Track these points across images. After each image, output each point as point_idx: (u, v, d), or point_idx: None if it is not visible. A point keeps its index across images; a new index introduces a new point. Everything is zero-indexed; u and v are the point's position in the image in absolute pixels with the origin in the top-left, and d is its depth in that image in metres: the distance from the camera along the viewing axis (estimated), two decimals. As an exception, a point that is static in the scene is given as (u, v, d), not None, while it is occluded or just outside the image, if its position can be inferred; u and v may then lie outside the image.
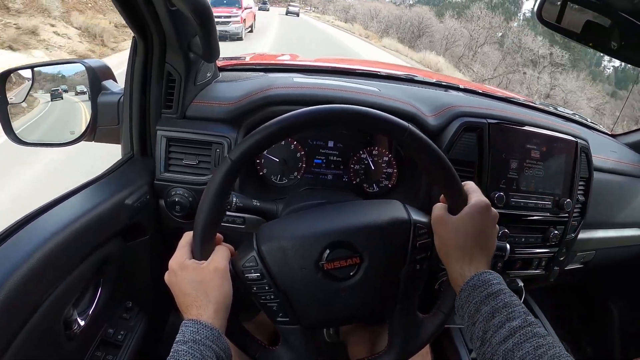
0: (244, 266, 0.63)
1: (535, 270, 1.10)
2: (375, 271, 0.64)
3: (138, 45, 0.86)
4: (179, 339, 0.54)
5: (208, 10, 0.70)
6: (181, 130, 0.92)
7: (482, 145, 0.97)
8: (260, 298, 0.63)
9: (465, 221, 0.62)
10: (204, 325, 0.55)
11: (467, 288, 0.58)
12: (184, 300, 0.59)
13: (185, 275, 0.59)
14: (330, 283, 0.63)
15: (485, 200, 0.63)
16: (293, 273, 0.62)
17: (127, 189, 0.87)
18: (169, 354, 0.52)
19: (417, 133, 0.60)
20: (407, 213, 0.67)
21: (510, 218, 1.00)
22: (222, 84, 1.03)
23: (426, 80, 1.36)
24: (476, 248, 0.61)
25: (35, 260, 0.63)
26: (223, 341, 0.56)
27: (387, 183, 1.02)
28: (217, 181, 0.58)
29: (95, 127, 0.98)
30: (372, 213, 0.67)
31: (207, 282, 0.58)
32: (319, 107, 0.59)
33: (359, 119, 0.59)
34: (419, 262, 0.66)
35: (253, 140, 0.57)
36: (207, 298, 0.58)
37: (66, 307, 0.74)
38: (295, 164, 1.00)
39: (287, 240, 0.63)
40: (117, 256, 0.88)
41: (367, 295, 0.65)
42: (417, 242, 0.65)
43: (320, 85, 0.99)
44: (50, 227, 0.69)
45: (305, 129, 0.59)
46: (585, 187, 1.12)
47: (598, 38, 0.95)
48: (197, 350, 0.52)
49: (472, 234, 0.61)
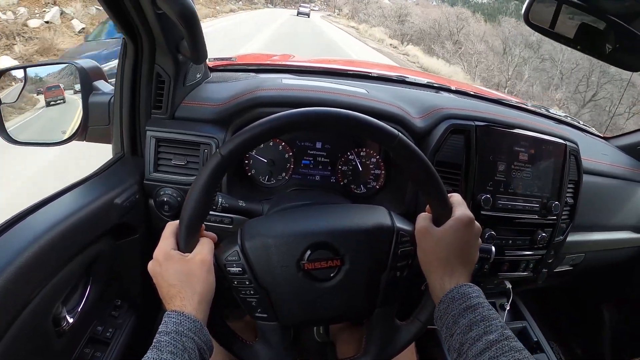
0: (226, 260, 0.63)
1: (523, 273, 1.11)
2: (355, 275, 0.64)
3: (128, 47, 0.87)
4: (161, 329, 0.54)
5: (193, 13, 0.71)
6: (170, 130, 0.92)
7: (469, 148, 0.97)
8: (241, 292, 0.64)
9: (448, 233, 0.62)
10: (186, 317, 0.55)
11: (446, 300, 0.59)
12: (168, 290, 0.59)
13: (170, 266, 0.59)
14: (310, 283, 0.64)
15: (470, 214, 0.64)
16: (274, 270, 0.63)
17: (117, 189, 0.88)
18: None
19: (407, 141, 0.61)
20: (391, 220, 0.67)
21: (497, 220, 1.00)
22: (212, 85, 1.04)
23: (417, 81, 1.36)
24: (457, 260, 0.62)
25: (24, 258, 0.64)
26: (205, 333, 0.57)
27: (374, 184, 1.03)
28: (206, 175, 0.58)
29: (86, 127, 0.99)
30: (356, 217, 0.68)
31: (193, 274, 0.59)
32: (312, 109, 0.59)
33: (350, 123, 0.60)
34: (399, 269, 0.66)
35: (244, 137, 0.58)
36: (192, 290, 0.58)
37: (55, 304, 0.75)
38: (284, 164, 1.01)
39: (270, 237, 0.64)
40: (106, 255, 0.89)
41: (346, 297, 0.65)
42: (399, 250, 0.66)
43: (309, 87, 0.99)
44: (40, 226, 0.70)
45: (295, 130, 0.60)
46: (575, 189, 1.13)
47: (591, 42, 0.96)
48: (179, 341, 0.53)
49: (455, 246, 0.62)
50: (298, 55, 1.75)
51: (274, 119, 0.58)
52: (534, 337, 1.18)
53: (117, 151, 0.99)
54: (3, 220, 0.70)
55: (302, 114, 0.59)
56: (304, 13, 42.81)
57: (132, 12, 0.76)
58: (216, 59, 1.27)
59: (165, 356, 0.51)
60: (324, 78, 1.22)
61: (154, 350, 0.52)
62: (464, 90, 1.40)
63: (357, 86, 1.09)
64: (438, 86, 1.35)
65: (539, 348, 1.16)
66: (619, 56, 0.96)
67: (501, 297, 1.22)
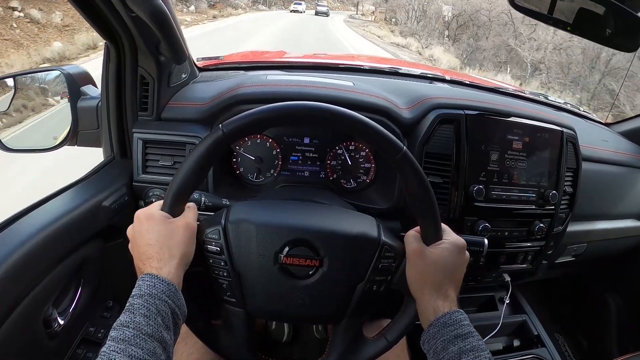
0: (206, 236, 0.63)
1: (521, 265, 1.09)
2: (331, 279, 0.63)
3: (110, 51, 0.87)
4: (135, 292, 0.53)
5: (164, 14, 0.71)
6: (156, 132, 0.93)
7: (460, 138, 0.95)
8: (214, 272, 0.63)
9: (444, 256, 0.62)
10: (161, 280, 0.54)
11: (438, 324, 0.59)
12: (145, 250, 0.57)
13: (152, 226, 0.58)
14: (285, 278, 0.63)
15: (463, 240, 0.65)
16: (251, 257, 0.62)
17: (106, 191, 0.89)
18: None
19: (411, 157, 0.60)
20: (378, 232, 0.66)
21: (491, 211, 0.99)
22: (199, 85, 1.04)
23: (410, 72, 1.35)
24: (450, 284, 0.62)
25: (11, 261, 0.65)
26: (180, 297, 0.56)
27: (364, 178, 1.02)
28: (204, 147, 0.58)
29: (76, 132, 1.00)
30: (344, 222, 0.66)
31: (174, 236, 0.58)
32: (322, 105, 0.59)
33: (357, 127, 0.59)
34: (377, 283, 0.64)
35: (248, 118, 0.57)
36: (170, 252, 0.57)
37: (45, 306, 0.76)
38: (272, 161, 1.00)
39: (254, 224, 0.63)
40: (96, 257, 0.89)
41: (317, 300, 0.64)
42: (380, 264, 0.64)
43: (292, 82, 0.99)
44: (28, 230, 0.72)
45: (299, 123, 0.60)
46: (573, 178, 1.10)
47: (591, 26, 0.94)
48: (153, 304, 0.52)
49: (449, 270, 0.62)
50: (293, 52, 1.75)
51: (280, 107, 0.58)
52: (534, 331, 1.15)
53: (107, 154, 1.00)
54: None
55: (311, 107, 0.58)
56: (322, 12, 38.69)
57: (109, 16, 0.77)
58: (204, 58, 1.27)
59: (138, 319, 0.50)
60: (314, 72, 1.22)
61: (126, 314, 0.51)
62: (459, 79, 1.38)
63: (346, 79, 1.08)
64: (432, 76, 1.33)
65: (540, 342, 1.14)
66: (619, 40, 0.95)
67: (500, 290, 1.20)
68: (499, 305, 1.19)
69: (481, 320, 1.15)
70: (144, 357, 0.48)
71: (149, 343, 0.49)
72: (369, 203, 0.97)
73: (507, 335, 1.18)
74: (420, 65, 1.78)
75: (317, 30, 21.87)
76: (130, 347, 0.48)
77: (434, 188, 0.91)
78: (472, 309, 1.22)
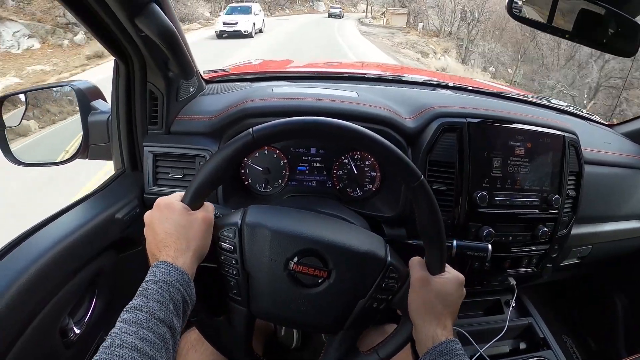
0: (221, 234, 0.65)
1: (526, 269, 1.10)
2: (335, 291, 0.65)
3: (120, 68, 0.90)
4: (149, 278, 0.54)
5: (172, 33, 0.73)
6: (166, 145, 0.95)
7: (463, 145, 0.97)
8: (224, 268, 0.65)
9: (446, 287, 0.65)
10: (176, 269, 0.56)
11: (434, 352, 0.61)
12: (163, 238, 0.59)
13: (171, 215, 0.60)
14: (291, 284, 0.65)
15: (462, 276, 0.68)
16: (262, 259, 0.64)
17: (118, 204, 0.92)
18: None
19: (427, 187, 0.62)
20: (385, 253, 0.68)
21: (495, 217, 1.00)
22: (206, 97, 1.07)
23: (414, 79, 1.36)
24: (449, 315, 0.65)
25: (29, 275, 0.68)
26: (192, 287, 0.57)
27: (370, 187, 1.03)
28: (232, 147, 0.60)
29: (87, 146, 1.03)
30: (354, 238, 0.68)
31: (192, 228, 0.60)
32: (351, 125, 0.61)
33: (380, 150, 0.61)
34: (378, 300, 0.67)
35: (280, 127, 0.60)
36: (187, 243, 0.59)
37: (62, 317, 0.78)
38: (279, 172, 1.02)
39: (270, 228, 0.65)
40: (110, 268, 0.92)
41: (318, 310, 0.66)
42: (384, 283, 0.66)
43: (297, 95, 1.01)
44: (44, 243, 0.74)
45: (325, 139, 0.63)
46: (576, 181, 1.11)
47: (589, 33, 0.95)
48: (167, 291, 0.53)
49: (450, 301, 0.65)
50: (297, 61, 1.77)
51: (311, 121, 0.60)
52: (540, 334, 1.16)
53: (118, 167, 1.02)
54: (10, 240, 0.74)
55: (339, 126, 0.61)
56: (336, 14, 35.96)
57: (119, 36, 0.79)
58: (211, 71, 1.30)
59: (151, 304, 0.51)
60: (318, 83, 1.23)
61: (140, 298, 0.52)
62: (463, 85, 1.39)
63: (351, 89, 1.09)
64: (435, 83, 1.35)
65: (546, 344, 1.14)
66: (616, 44, 0.96)
67: (506, 294, 1.21)
68: (504, 309, 1.20)
69: (487, 323, 1.16)
70: (154, 341, 0.49)
71: (160, 328, 0.50)
72: (375, 211, 0.99)
73: (513, 338, 1.19)
74: (423, 72, 1.79)
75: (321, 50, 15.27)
76: (142, 330, 0.49)
77: (438, 195, 0.95)
78: (478, 313, 1.24)
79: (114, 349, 0.47)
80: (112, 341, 0.48)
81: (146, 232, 0.63)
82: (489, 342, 1.09)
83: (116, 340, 0.47)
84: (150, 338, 0.49)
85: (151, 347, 0.48)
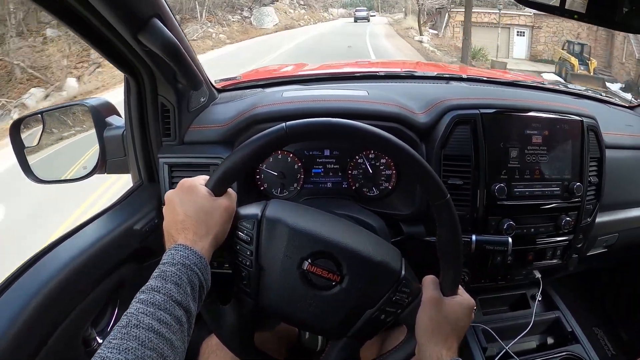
0: (240, 224, 0.65)
1: (551, 261, 1.07)
2: (345, 297, 0.65)
3: (130, 83, 0.92)
4: (166, 260, 0.54)
5: (175, 46, 0.75)
6: (180, 155, 0.97)
7: (477, 138, 0.95)
8: (237, 257, 0.65)
9: (456, 310, 0.65)
10: (194, 252, 0.55)
11: None
12: (183, 220, 0.58)
13: (194, 198, 0.59)
14: (302, 284, 0.64)
15: (473, 301, 0.68)
16: (277, 255, 0.64)
17: (136, 216, 0.93)
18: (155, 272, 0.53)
19: (452, 207, 0.62)
20: (400, 266, 0.68)
21: (515, 209, 0.98)
22: (218, 106, 1.08)
23: (426, 74, 1.35)
24: (456, 336, 0.65)
25: (51, 286, 0.70)
26: (208, 272, 0.57)
27: (386, 185, 1.02)
28: (264, 139, 0.60)
29: (105, 161, 1.05)
30: (371, 247, 0.68)
31: (214, 214, 0.59)
32: (382, 133, 0.61)
33: (409, 162, 0.61)
34: (385, 313, 0.66)
35: (313, 125, 0.60)
36: (207, 229, 0.58)
37: (84, 327, 0.80)
38: (294, 175, 1.02)
39: (290, 226, 0.65)
40: (131, 278, 0.93)
41: (325, 313, 0.65)
42: (394, 296, 0.66)
43: (307, 98, 1.01)
44: (66, 256, 0.77)
45: (355, 142, 0.70)
46: (598, 167, 1.07)
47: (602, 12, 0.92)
48: (185, 273, 0.53)
49: (458, 324, 0.65)
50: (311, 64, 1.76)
51: (344, 124, 0.61)
52: (568, 327, 1.13)
53: (136, 180, 1.04)
54: (33, 254, 0.77)
55: (371, 132, 0.61)
56: (363, 17, 33.16)
57: (126, 53, 0.81)
58: (222, 79, 1.31)
59: (169, 286, 0.51)
60: (330, 84, 1.23)
61: (157, 279, 0.52)
62: (477, 76, 1.37)
63: (361, 88, 1.09)
64: (448, 77, 1.33)
65: (574, 338, 1.11)
66: (630, 21, 0.93)
67: (532, 288, 1.18)
68: (530, 303, 1.17)
69: (513, 319, 1.13)
70: (171, 323, 0.49)
71: (177, 310, 0.50)
72: (392, 209, 0.98)
73: (540, 333, 1.16)
74: (436, 66, 1.77)
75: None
76: (159, 312, 0.48)
77: (454, 190, 0.93)
78: (503, 308, 1.21)
79: (130, 329, 0.46)
80: (128, 321, 0.47)
81: (165, 211, 0.62)
82: (515, 338, 1.07)
83: (132, 320, 0.47)
84: (167, 320, 0.48)
85: (167, 329, 0.48)
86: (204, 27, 21.00)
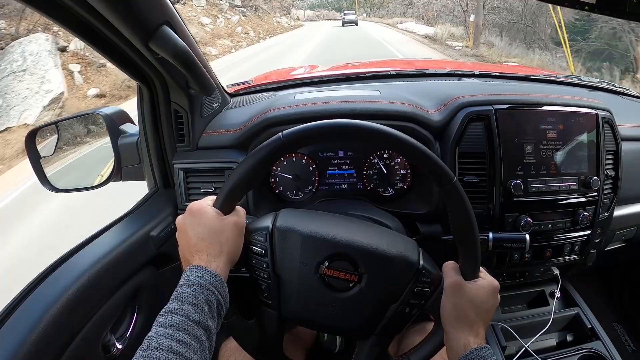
0: (253, 237, 0.65)
1: (569, 257, 1.05)
2: (366, 296, 0.64)
3: (143, 91, 0.92)
4: (183, 282, 0.55)
5: (186, 52, 0.75)
6: (195, 161, 0.97)
7: (492, 134, 0.94)
8: (255, 272, 0.66)
9: (480, 294, 0.63)
10: (209, 272, 0.56)
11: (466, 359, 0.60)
12: (196, 243, 0.59)
13: (204, 220, 0.60)
14: (322, 288, 0.64)
15: (497, 282, 0.66)
16: (293, 264, 0.64)
17: (153, 222, 0.94)
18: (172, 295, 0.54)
19: (461, 188, 0.60)
20: (418, 256, 0.67)
21: (532, 205, 0.97)
22: (231, 111, 1.08)
23: (438, 72, 1.34)
24: (482, 323, 0.63)
25: (70, 293, 0.71)
26: (225, 289, 0.58)
27: (402, 185, 1.02)
28: (263, 152, 0.60)
29: (120, 168, 1.06)
30: (386, 242, 0.67)
31: (225, 233, 0.60)
32: (380, 127, 0.60)
33: (411, 151, 0.61)
34: (410, 305, 0.65)
35: (308, 129, 0.60)
36: (220, 248, 0.59)
37: (104, 333, 0.81)
38: (309, 177, 1.02)
39: (301, 233, 0.65)
40: (149, 283, 0.94)
41: (350, 314, 0.65)
42: (416, 288, 0.65)
43: (319, 100, 1.00)
44: (84, 263, 0.78)
45: (353, 140, 0.66)
46: (614, 160, 1.06)
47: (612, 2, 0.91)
48: (201, 293, 0.54)
49: (483, 308, 0.63)
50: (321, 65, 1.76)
51: (337, 124, 0.60)
52: (588, 324, 1.11)
53: (151, 186, 1.05)
54: (52, 262, 0.78)
55: (368, 127, 0.60)
56: (351, 21, 31.98)
57: (137, 61, 0.81)
58: (234, 84, 1.31)
59: (186, 307, 0.52)
60: (342, 85, 1.23)
61: (175, 302, 0.53)
62: (489, 72, 1.36)
63: (374, 88, 1.09)
64: (460, 73, 1.32)
65: (594, 335, 1.09)
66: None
67: (550, 285, 1.17)
68: (549, 300, 1.15)
69: (532, 317, 1.12)
70: (190, 343, 0.50)
71: (196, 330, 0.51)
72: (408, 209, 0.97)
73: (559, 330, 1.15)
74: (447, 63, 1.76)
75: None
76: (178, 333, 0.49)
77: (470, 187, 0.93)
78: (522, 306, 1.19)
79: (150, 352, 0.47)
80: (148, 344, 0.48)
81: (179, 237, 0.64)
82: (535, 336, 1.06)
83: (152, 343, 0.48)
84: (186, 340, 0.49)
85: (187, 349, 0.49)
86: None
